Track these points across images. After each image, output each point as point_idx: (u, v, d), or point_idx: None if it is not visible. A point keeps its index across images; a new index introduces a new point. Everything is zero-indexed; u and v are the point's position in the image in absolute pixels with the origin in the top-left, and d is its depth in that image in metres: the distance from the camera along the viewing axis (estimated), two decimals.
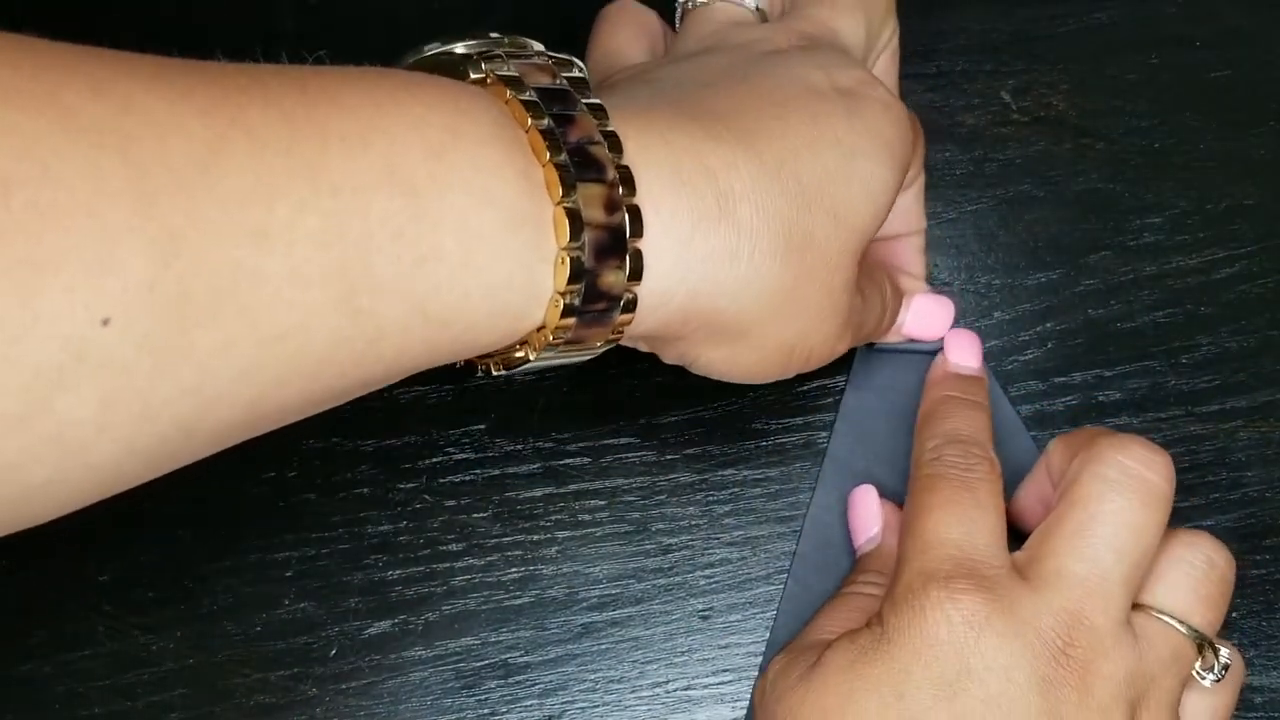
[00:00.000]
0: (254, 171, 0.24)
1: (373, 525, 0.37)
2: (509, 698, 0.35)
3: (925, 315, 0.39)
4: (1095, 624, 0.30)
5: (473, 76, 0.29)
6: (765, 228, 0.30)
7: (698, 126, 0.31)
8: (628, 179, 0.29)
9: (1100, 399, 0.40)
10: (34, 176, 0.21)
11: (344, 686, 0.35)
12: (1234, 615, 0.37)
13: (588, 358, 0.31)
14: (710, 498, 0.38)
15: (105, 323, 0.22)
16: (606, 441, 0.38)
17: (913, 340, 0.39)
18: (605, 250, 0.28)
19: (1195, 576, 0.32)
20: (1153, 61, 0.44)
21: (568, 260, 0.28)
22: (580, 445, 0.38)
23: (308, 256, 0.24)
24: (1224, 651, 0.32)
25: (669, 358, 0.33)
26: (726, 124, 0.31)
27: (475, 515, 0.37)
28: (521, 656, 0.36)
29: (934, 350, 0.39)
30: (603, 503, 0.38)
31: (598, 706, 0.35)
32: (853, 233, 0.32)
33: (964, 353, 0.38)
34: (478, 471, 0.38)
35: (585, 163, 0.28)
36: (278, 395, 0.26)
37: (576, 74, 0.30)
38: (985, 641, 0.30)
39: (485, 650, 0.36)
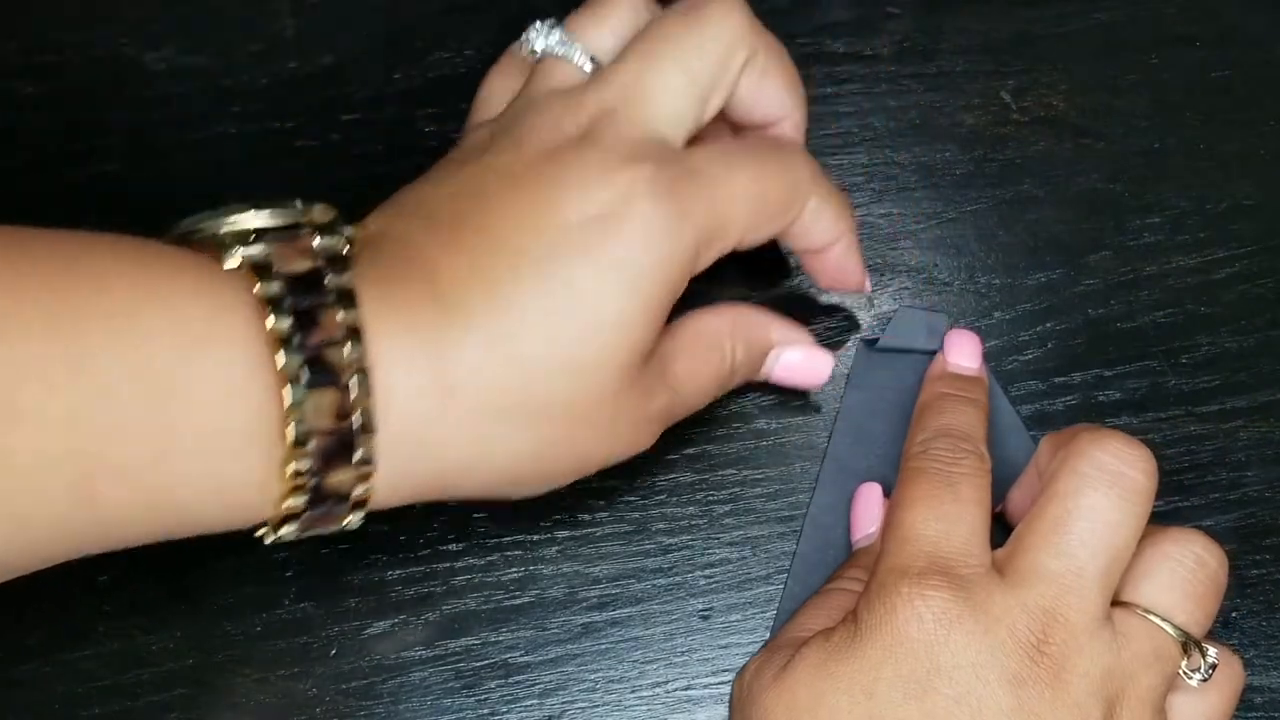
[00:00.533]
0: (15, 352, 0.25)
1: (373, 525, 0.37)
2: (509, 698, 0.35)
3: (795, 369, 0.37)
4: (1070, 620, 0.30)
5: (227, 265, 0.29)
6: (487, 404, 0.30)
7: (430, 299, 0.30)
8: (364, 380, 0.28)
9: (1100, 399, 0.40)
10: None
11: (344, 686, 0.35)
12: (1234, 615, 0.37)
13: (342, 531, 0.31)
14: (710, 498, 0.38)
15: None
16: None
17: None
18: (333, 454, 0.28)
19: (1182, 574, 0.32)
20: (1153, 61, 0.44)
21: (291, 466, 0.28)
22: None
23: (50, 442, 0.25)
24: (1212, 651, 0.32)
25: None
26: (457, 289, 0.30)
27: (475, 515, 0.37)
28: (521, 656, 0.36)
29: (935, 351, 0.39)
30: (603, 503, 0.38)
31: (598, 706, 0.35)
32: (603, 379, 0.31)
33: (963, 353, 0.38)
34: None
35: (321, 368, 0.28)
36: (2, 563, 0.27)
37: (341, 247, 0.29)
38: (955, 639, 0.30)
39: (485, 650, 0.36)
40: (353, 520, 0.30)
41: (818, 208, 0.35)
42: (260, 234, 0.29)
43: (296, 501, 0.29)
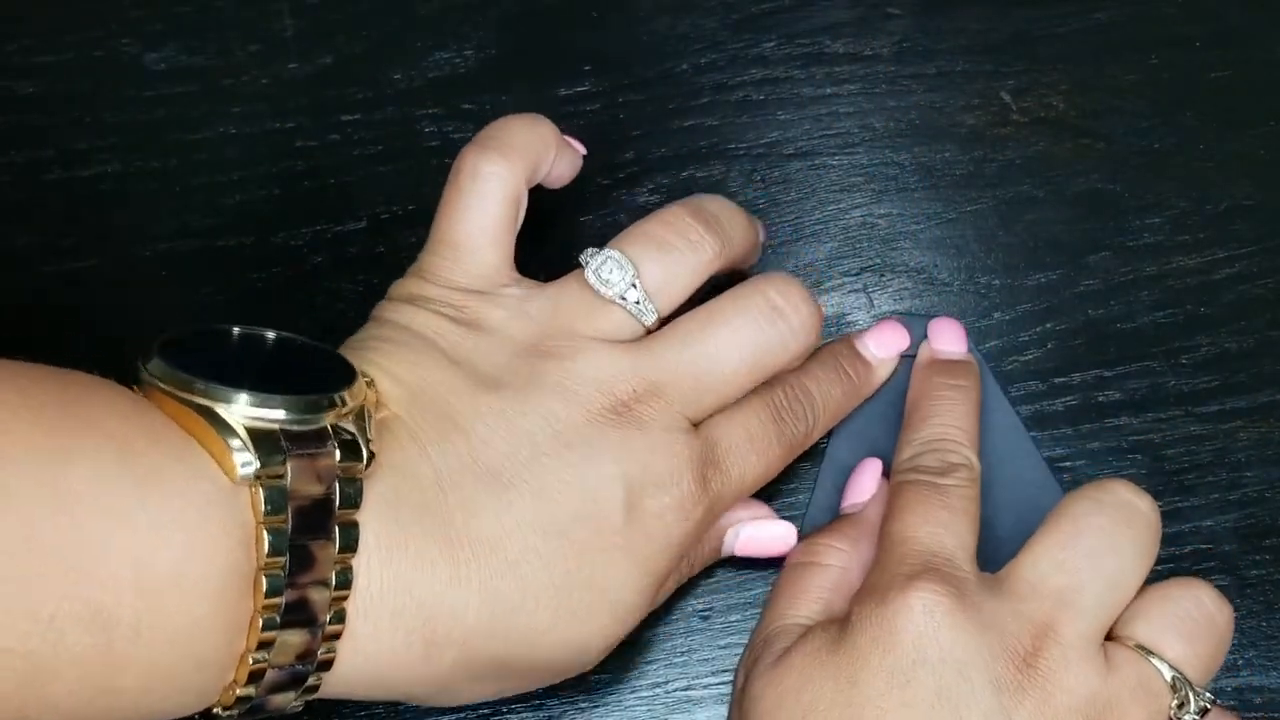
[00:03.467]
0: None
1: None
2: (509, 697, 0.35)
3: (756, 543, 0.36)
4: (1064, 638, 0.30)
5: (240, 474, 0.26)
6: (475, 670, 0.30)
7: (445, 549, 0.29)
8: (339, 619, 0.28)
9: (1100, 399, 0.40)
10: None
11: None
12: (1234, 615, 0.37)
13: None
14: None
15: None
16: None
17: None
18: (280, 686, 0.28)
19: (1178, 614, 0.32)
20: (1153, 61, 0.44)
21: (235, 692, 0.27)
22: None
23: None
24: (1206, 695, 0.31)
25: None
26: (481, 555, 0.30)
27: None
28: None
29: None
30: None
31: (598, 706, 0.35)
32: (591, 651, 0.32)
33: (947, 339, 0.38)
34: None
35: (300, 609, 0.27)
36: None
37: (358, 469, 0.28)
38: (943, 634, 0.30)
39: None
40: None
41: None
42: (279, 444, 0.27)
43: (230, 713, 0.28)
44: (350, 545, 0.28)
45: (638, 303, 0.33)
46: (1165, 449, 0.39)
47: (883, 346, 0.38)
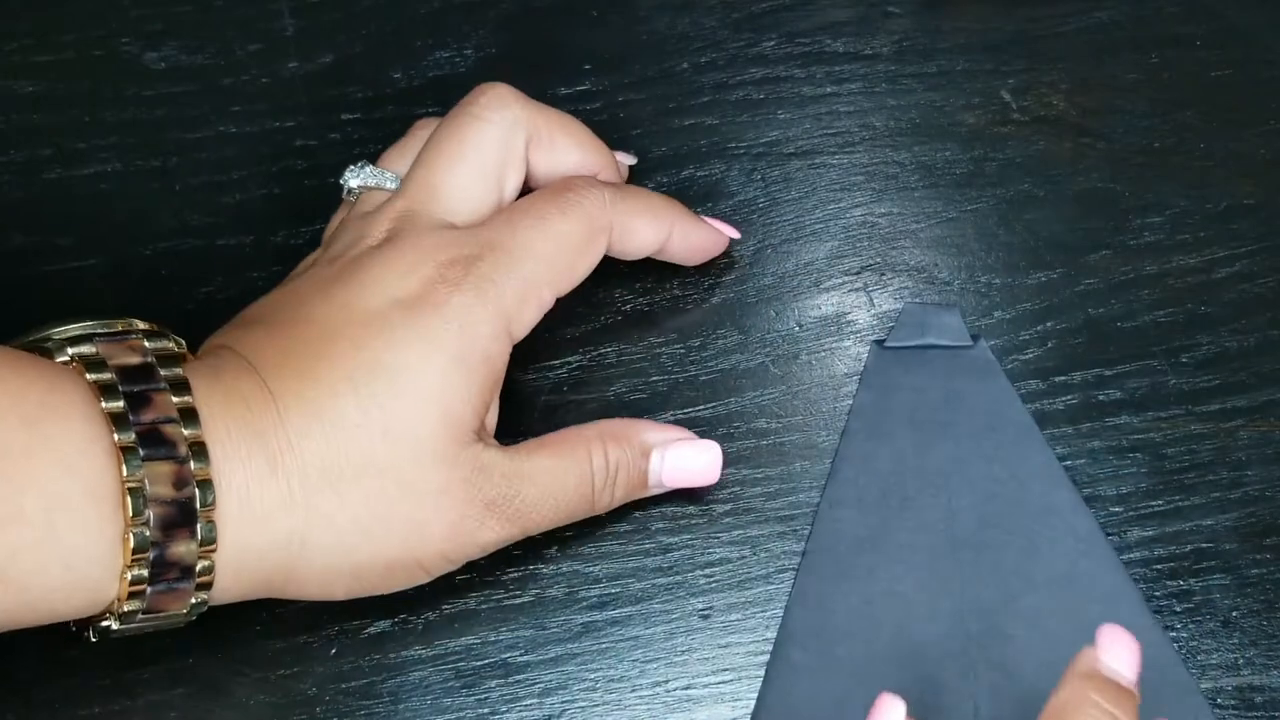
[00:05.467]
0: None
1: None
2: (509, 697, 0.35)
3: (684, 464, 0.37)
4: None
5: (58, 359, 0.31)
6: (311, 471, 0.32)
7: (255, 383, 0.32)
8: (201, 451, 0.30)
9: (1100, 398, 0.40)
10: None
11: (344, 686, 0.35)
12: (1234, 615, 0.37)
13: (181, 623, 0.32)
14: (710, 498, 0.38)
15: None
16: None
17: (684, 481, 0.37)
18: (173, 524, 0.30)
19: None
20: (1153, 61, 0.44)
21: (131, 535, 0.29)
22: None
23: None
24: None
25: (291, 597, 0.34)
26: (278, 371, 0.32)
27: None
28: (521, 656, 0.36)
29: (950, 346, 0.39)
30: None
31: (598, 706, 0.35)
32: (420, 443, 0.32)
33: (1119, 658, 0.31)
34: None
35: (156, 440, 0.30)
36: None
37: (170, 348, 0.32)
38: None
39: (485, 650, 0.36)
40: (195, 605, 0.31)
41: (624, 226, 0.37)
42: (89, 339, 0.31)
43: (139, 573, 0.30)
44: (182, 390, 0.31)
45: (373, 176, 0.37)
46: (1166, 448, 0.39)
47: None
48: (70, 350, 0.31)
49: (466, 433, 0.33)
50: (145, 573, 0.30)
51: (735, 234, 0.41)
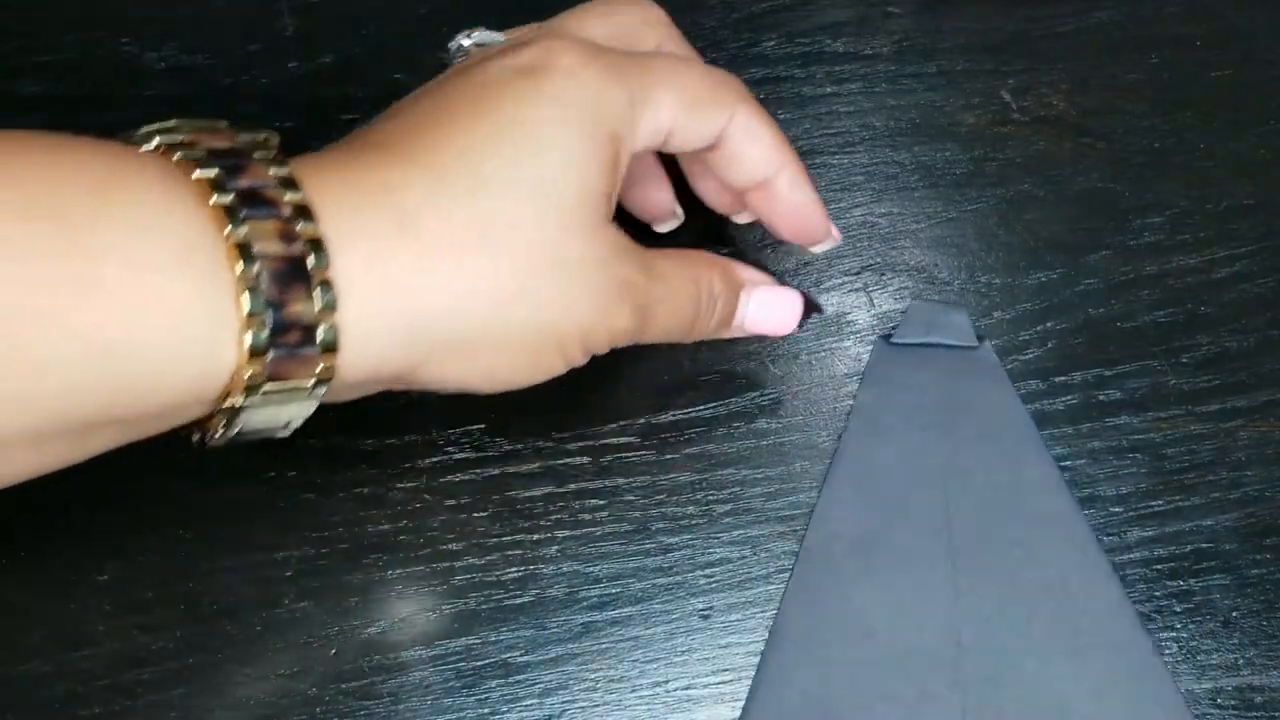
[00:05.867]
0: None
1: (373, 525, 0.37)
2: (509, 697, 0.35)
3: (768, 306, 0.37)
4: None
5: (143, 147, 0.29)
6: (452, 231, 0.29)
7: (373, 152, 0.30)
8: (305, 212, 0.28)
9: (1100, 398, 0.40)
10: None
11: (344, 686, 0.35)
12: (1234, 615, 0.37)
13: (310, 406, 0.30)
14: (710, 498, 0.38)
15: None
16: (606, 441, 0.38)
17: (760, 334, 0.38)
18: (286, 278, 0.28)
19: None
20: (1153, 61, 0.44)
21: (245, 291, 0.27)
22: (580, 445, 0.38)
23: None
24: None
25: (437, 387, 0.32)
26: (399, 144, 0.30)
27: (475, 515, 0.37)
28: (521, 656, 0.36)
29: (951, 345, 0.39)
30: (603, 502, 0.38)
31: (598, 706, 0.35)
32: (564, 207, 0.31)
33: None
34: (478, 471, 0.38)
35: (255, 202, 0.28)
36: None
37: (263, 138, 0.30)
38: None
39: (485, 650, 0.36)
40: (321, 375, 0.29)
41: (749, 121, 0.35)
42: (175, 130, 0.29)
43: (257, 334, 0.27)
44: (279, 163, 0.29)
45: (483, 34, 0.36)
46: (1165, 448, 0.39)
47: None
48: (158, 138, 0.29)
49: (604, 207, 0.32)
50: (264, 334, 0.27)
51: (836, 235, 0.39)
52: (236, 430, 0.29)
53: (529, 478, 0.38)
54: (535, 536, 0.37)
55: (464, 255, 0.30)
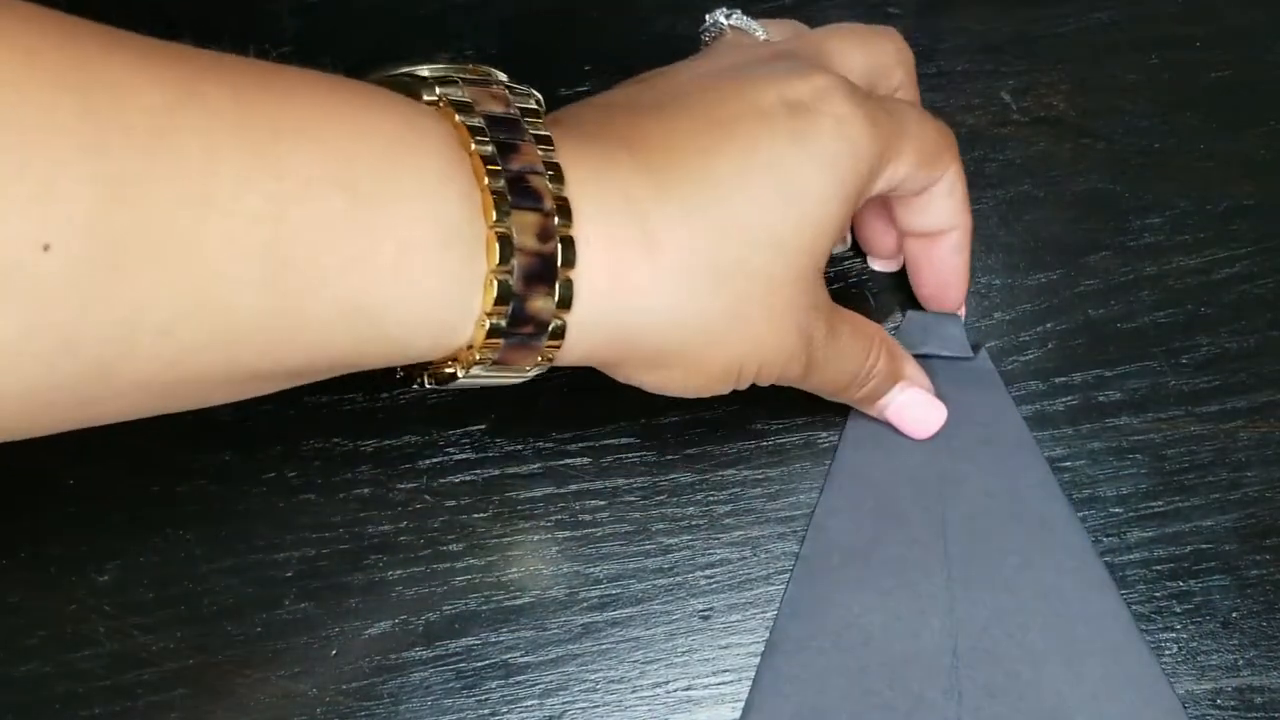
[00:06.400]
0: (204, 142, 0.25)
1: (373, 525, 0.37)
2: (509, 698, 0.35)
3: (915, 409, 0.38)
4: None
5: (426, 98, 0.30)
6: (688, 260, 0.31)
7: (631, 159, 0.31)
8: (565, 210, 0.30)
9: (1100, 399, 0.40)
10: None
11: (344, 686, 0.35)
12: (1234, 615, 0.37)
13: (519, 380, 0.32)
14: (710, 498, 0.38)
15: (45, 248, 0.23)
16: (606, 441, 0.38)
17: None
18: (535, 276, 0.29)
19: None
20: (1153, 61, 0.44)
21: (495, 283, 0.29)
22: (580, 445, 0.38)
23: (243, 232, 0.25)
24: None
25: (616, 377, 0.34)
26: (659, 155, 0.31)
27: (475, 515, 0.37)
28: (522, 656, 0.36)
29: (951, 357, 0.39)
30: (603, 503, 0.38)
31: (598, 706, 0.35)
32: (792, 256, 0.32)
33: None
34: (478, 471, 0.38)
35: (524, 191, 0.29)
36: (196, 361, 0.26)
37: (532, 105, 0.31)
38: None
39: (485, 650, 0.36)
40: (539, 364, 0.31)
41: (954, 180, 0.36)
42: (454, 82, 0.30)
43: (497, 323, 0.29)
44: (547, 145, 0.30)
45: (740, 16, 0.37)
46: (1165, 449, 0.39)
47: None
48: (439, 90, 0.30)
49: (825, 260, 0.33)
50: (503, 323, 0.29)
51: (962, 311, 0.40)
52: (442, 388, 0.31)
53: (529, 478, 0.38)
54: (535, 537, 0.37)
55: (693, 286, 0.31)
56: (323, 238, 0.26)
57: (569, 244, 0.30)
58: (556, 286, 0.30)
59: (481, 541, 0.37)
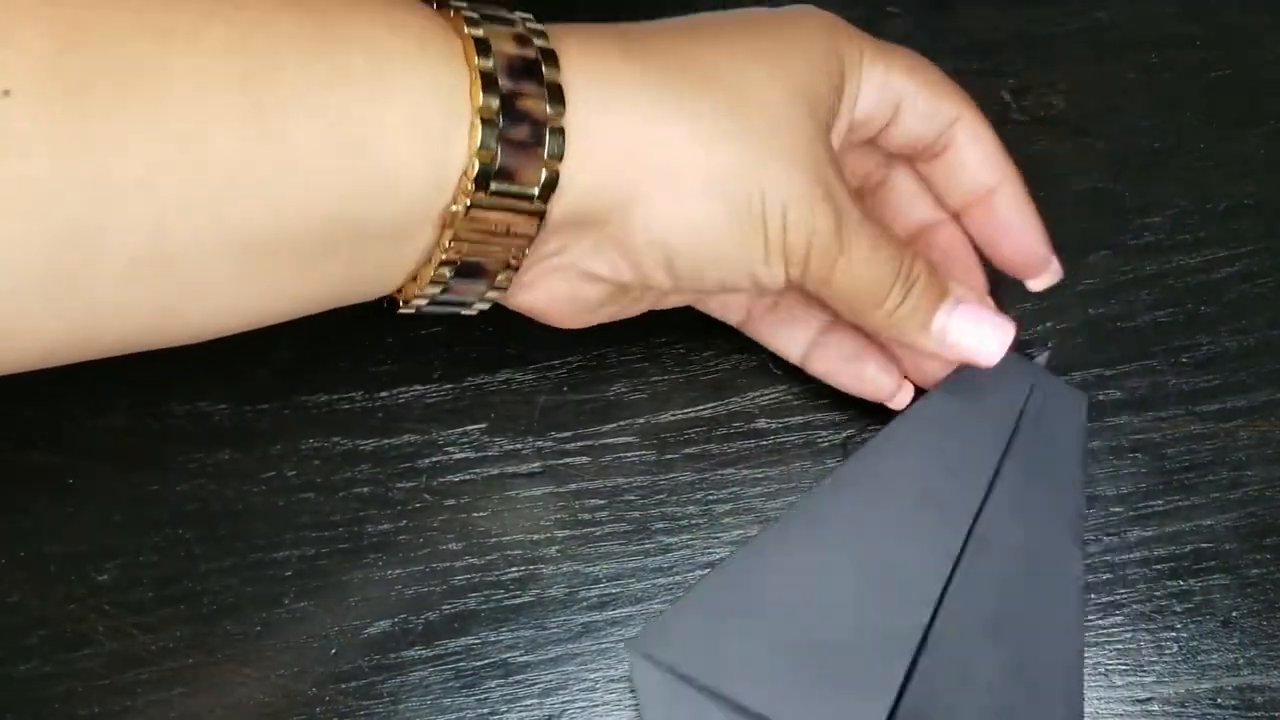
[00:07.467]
0: None
1: (372, 524, 0.37)
2: (509, 697, 0.35)
3: (975, 323, 0.34)
4: None
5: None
6: (684, 64, 0.30)
7: (617, 36, 0.31)
8: (539, 34, 0.29)
9: (1100, 398, 0.40)
10: None
11: (344, 686, 0.35)
12: (1234, 615, 0.37)
13: (517, 256, 0.30)
14: (710, 498, 0.38)
15: (5, 93, 0.22)
16: (606, 441, 0.38)
17: (963, 366, 0.35)
18: (519, 73, 0.28)
19: None
20: (1153, 61, 0.44)
21: (479, 75, 0.28)
22: (580, 445, 0.38)
23: (213, 60, 0.25)
24: None
25: (643, 247, 0.31)
26: (640, 29, 0.32)
27: (475, 515, 0.37)
28: (521, 656, 0.36)
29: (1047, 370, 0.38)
30: (603, 502, 0.37)
31: (598, 706, 0.35)
32: (806, 90, 0.31)
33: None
34: (478, 471, 0.38)
35: (494, 19, 0.29)
36: (184, 224, 0.25)
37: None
38: None
39: (485, 650, 0.36)
40: (544, 185, 0.29)
41: (975, 125, 0.35)
42: None
43: (490, 129, 0.28)
44: (524, 16, 0.30)
45: None
46: (1166, 448, 0.39)
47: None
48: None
49: (831, 120, 0.32)
50: (496, 128, 0.28)
51: (1057, 267, 0.37)
52: (441, 288, 0.30)
53: (529, 477, 0.38)
54: (535, 536, 0.37)
55: (692, 86, 0.30)
56: (289, 55, 0.26)
57: (550, 56, 0.29)
58: (545, 89, 0.29)
59: (481, 541, 0.37)
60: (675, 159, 0.30)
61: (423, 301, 0.31)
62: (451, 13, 0.29)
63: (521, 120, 0.28)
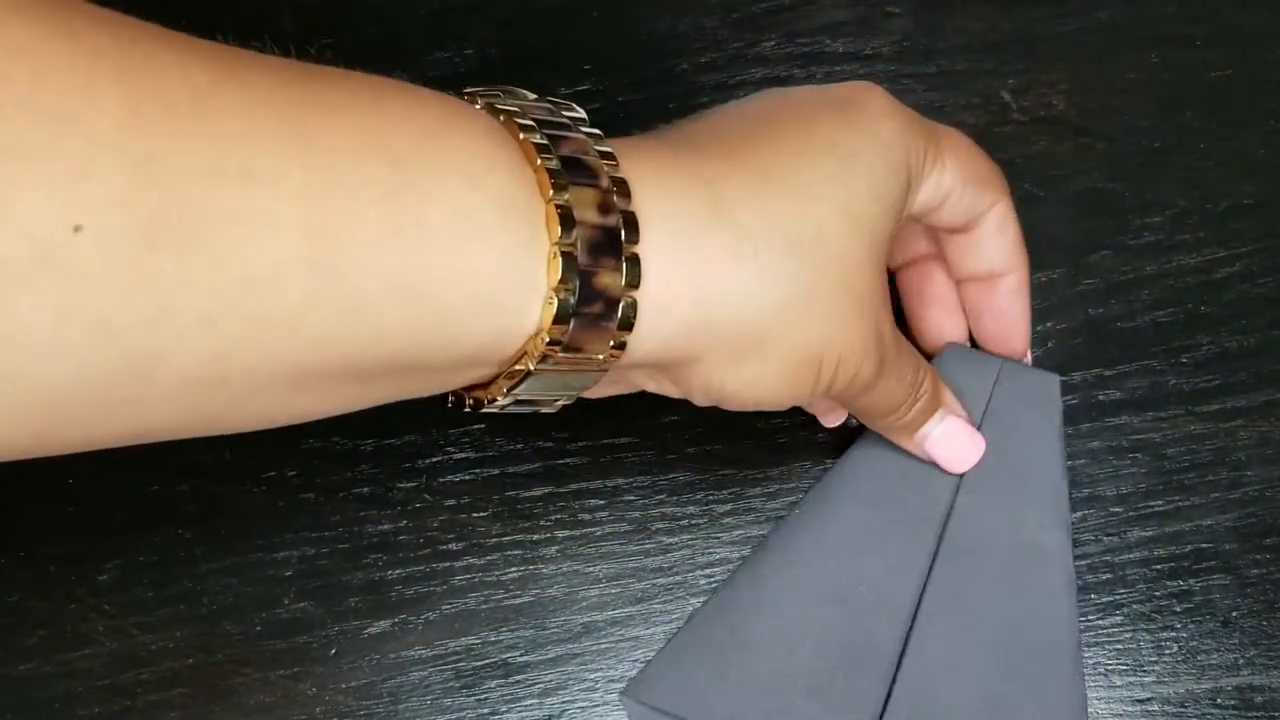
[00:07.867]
0: (244, 120, 0.24)
1: (372, 525, 0.37)
2: (509, 697, 0.35)
3: (955, 439, 0.36)
4: None
5: (467, 99, 0.30)
6: (767, 226, 0.30)
7: (686, 146, 0.31)
8: (622, 187, 0.29)
9: (1100, 398, 0.40)
10: (25, 78, 0.22)
11: (344, 686, 0.35)
12: (1234, 615, 0.37)
13: (587, 384, 0.30)
14: (710, 498, 0.38)
15: (76, 229, 0.22)
16: (606, 441, 0.38)
17: (934, 462, 0.37)
18: (599, 248, 0.28)
19: None
20: (1153, 61, 0.44)
21: (559, 254, 0.27)
22: (580, 445, 0.38)
23: (286, 207, 0.24)
24: None
25: (697, 391, 0.32)
26: (714, 143, 0.31)
27: (475, 515, 0.37)
28: (521, 656, 0.36)
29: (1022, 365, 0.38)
30: (603, 502, 0.38)
31: (598, 706, 0.35)
32: (867, 231, 0.31)
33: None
34: (478, 471, 0.38)
35: (578, 167, 0.28)
36: (240, 358, 0.25)
37: (576, 114, 0.30)
38: None
39: (485, 650, 0.36)
40: (613, 351, 0.29)
41: (1006, 214, 0.36)
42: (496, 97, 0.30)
43: (564, 299, 0.27)
44: (599, 140, 0.29)
45: None
46: (1166, 448, 0.39)
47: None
48: (480, 100, 0.29)
49: (886, 245, 0.32)
50: (571, 300, 0.27)
51: (1028, 356, 0.39)
52: (515, 400, 0.30)
53: (529, 478, 0.38)
54: (535, 536, 0.37)
55: (772, 254, 0.30)
56: (367, 207, 0.25)
57: (631, 220, 0.28)
58: (623, 263, 0.28)
59: (481, 541, 0.37)
60: (748, 328, 0.30)
61: (493, 410, 0.31)
62: (537, 159, 0.28)
63: (596, 299, 0.28)
